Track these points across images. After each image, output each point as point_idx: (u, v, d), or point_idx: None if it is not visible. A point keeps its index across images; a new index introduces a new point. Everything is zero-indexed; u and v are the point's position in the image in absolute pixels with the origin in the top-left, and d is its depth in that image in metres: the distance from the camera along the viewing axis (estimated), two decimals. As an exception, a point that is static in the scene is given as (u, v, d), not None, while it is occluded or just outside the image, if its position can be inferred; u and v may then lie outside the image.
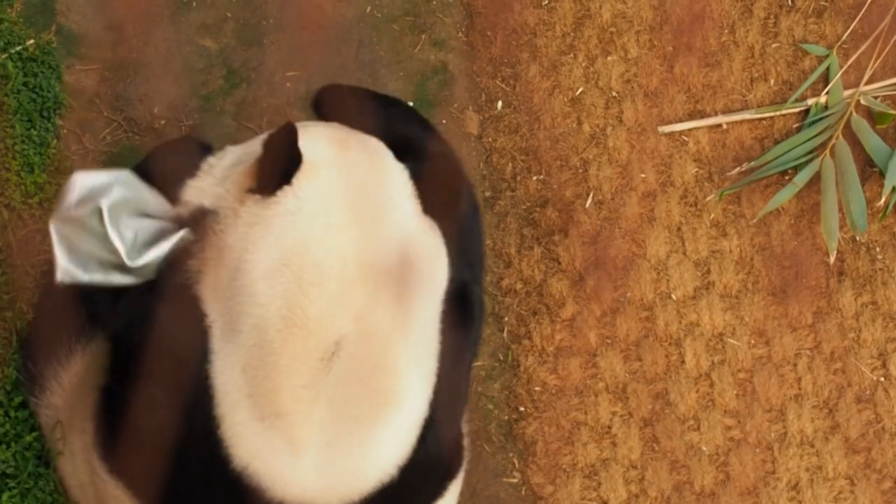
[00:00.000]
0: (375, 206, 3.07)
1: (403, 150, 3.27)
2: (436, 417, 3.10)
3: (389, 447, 3.05)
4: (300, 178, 3.03)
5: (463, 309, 3.22)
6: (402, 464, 3.07)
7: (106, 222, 3.09)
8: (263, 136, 3.18)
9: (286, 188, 3.03)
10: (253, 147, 3.20)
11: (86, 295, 3.34)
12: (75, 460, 3.53)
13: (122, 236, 3.11)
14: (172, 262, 3.09)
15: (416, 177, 3.19)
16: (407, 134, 3.46)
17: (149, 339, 3.05)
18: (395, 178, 3.16)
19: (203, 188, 3.17)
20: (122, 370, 3.15)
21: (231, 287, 3.00)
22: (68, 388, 3.57)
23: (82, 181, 3.15)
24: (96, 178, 3.16)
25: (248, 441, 2.98)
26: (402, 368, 3.03)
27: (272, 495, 3.00)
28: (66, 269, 3.14)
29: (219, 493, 3.04)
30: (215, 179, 3.17)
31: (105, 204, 3.10)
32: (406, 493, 3.11)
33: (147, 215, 3.18)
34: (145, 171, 3.24)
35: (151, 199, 3.20)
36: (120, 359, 3.19)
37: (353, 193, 3.04)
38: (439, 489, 3.31)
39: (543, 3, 4.44)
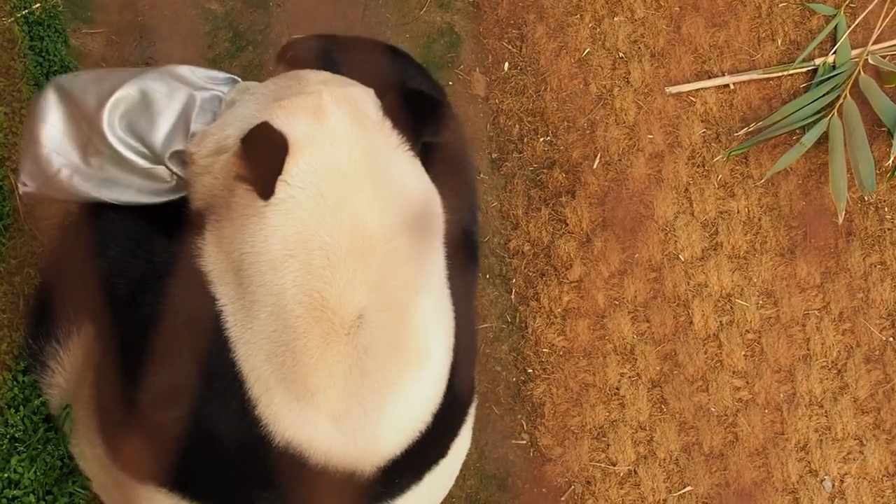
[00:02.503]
0: (367, 171, 3.02)
1: (389, 90, 3.25)
2: (458, 361, 3.13)
3: (424, 402, 3.08)
4: (287, 164, 2.97)
5: (468, 252, 3.22)
6: (435, 410, 3.10)
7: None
8: (238, 110, 3.11)
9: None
10: (228, 126, 3.13)
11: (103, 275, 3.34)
12: (90, 464, 3.53)
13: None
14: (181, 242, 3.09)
15: (395, 108, 3.13)
16: (390, 74, 3.43)
17: (162, 330, 3.05)
18: (380, 134, 3.11)
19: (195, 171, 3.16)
20: (136, 364, 3.15)
21: (238, 276, 2.99)
22: (70, 372, 3.57)
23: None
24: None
25: (287, 419, 2.99)
26: (424, 326, 3.04)
27: (315, 462, 3.02)
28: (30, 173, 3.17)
29: (261, 468, 3.05)
30: (201, 167, 3.12)
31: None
32: (439, 433, 3.15)
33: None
34: None
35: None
36: (133, 353, 3.18)
37: (343, 165, 2.99)
38: (463, 419, 3.36)
39: (550, -35, 4.44)
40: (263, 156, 2.94)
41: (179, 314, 3.04)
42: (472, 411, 3.45)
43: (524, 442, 4.11)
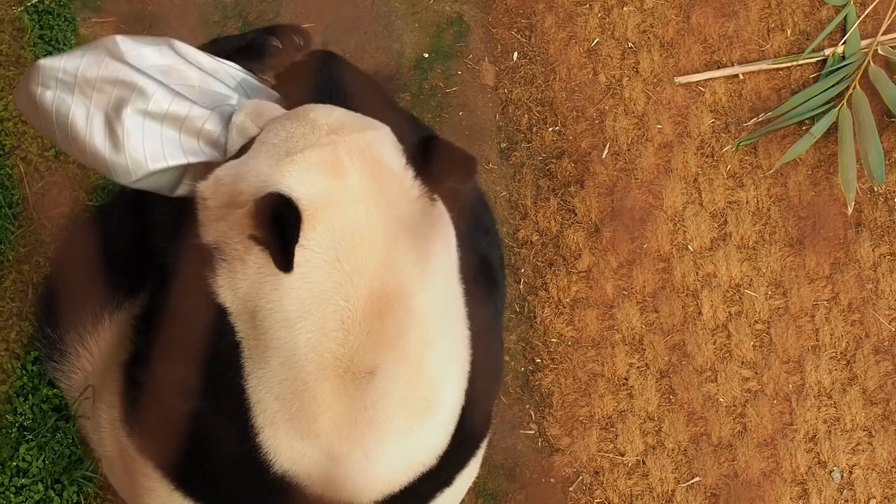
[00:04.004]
0: (385, 231, 2.94)
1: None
2: (474, 398, 3.11)
3: (428, 447, 3.06)
4: (304, 228, 2.88)
5: (488, 282, 3.20)
6: (441, 453, 3.09)
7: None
8: (256, 166, 3.01)
9: None
10: (241, 180, 3.01)
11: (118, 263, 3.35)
12: (102, 433, 3.53)
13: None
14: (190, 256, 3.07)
15: (420, 156, 3.03)
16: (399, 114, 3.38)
17: (181, 322, 3.05)
18: (399, 187, 3.01)
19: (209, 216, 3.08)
20: (153, 350, 3.14)
21: (252, 321, 2.95)
22: (97, 354, 3.57)
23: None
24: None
25: (288, 453, 2.99)
26: (436, 376, 3.01)
27: (311, 492, 3.02)
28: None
29: (257, 489, 3.05)
30: (215, 215, 3.04)
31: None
32: (443, 470, 3.13)
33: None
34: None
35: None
36: (152, 338, 3.18)
37: (360, 227, 2.92)
38: (472, 453, 3.35)
39: (559, -45, 4.44)
40: (278, 229, 2.85)
41: (202, 323, 3.01)
42: (484, 444, 3.42)
43: (532, 432, 4.12)
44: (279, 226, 2.84)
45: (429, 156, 3.00)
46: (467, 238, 3.17)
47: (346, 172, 2.94)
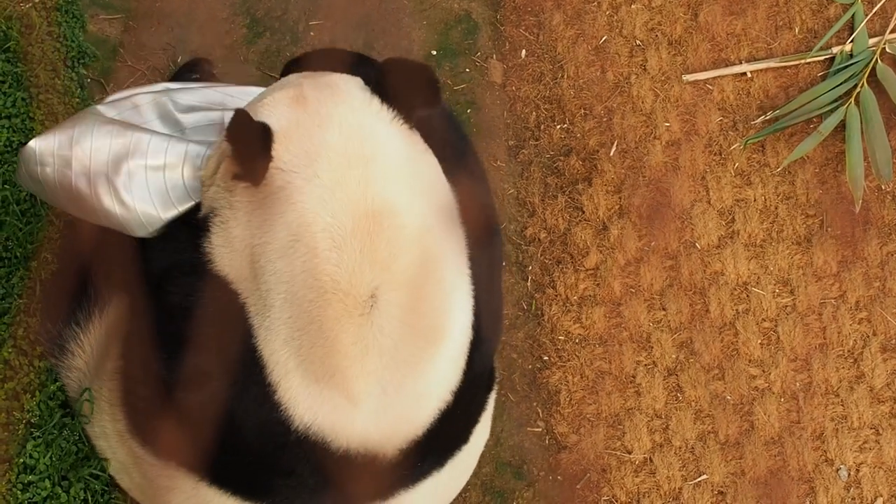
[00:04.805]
0: (361, 147, 2.99)
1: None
2: (479, 337, 3.13)
3: (442, 379, 3.08)
4: (277, 151, 2.96)
5: (487, 227, 3.21)
6: (455, 388, 3.10)
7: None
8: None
9: (269, 167, 2.98)
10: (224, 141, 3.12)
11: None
12: (110, 441, 3.54)
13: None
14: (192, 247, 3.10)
15: (383, 82, 3.08)
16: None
17: (190, 318, 3.06)
18: (369, 110, 3.06)
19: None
20: (151, 352, 3.15)
21: (251, 270, 2.99)
22: (90, 353, 3.58)
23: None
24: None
25: (307, 402, 3.00)
26: (440, 303, 3.03)
27: (337, 446, 3.03)
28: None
29: (282, 453, 3.06)
30: (206, 186, 3.13)
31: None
32: (460, 412, 3.16)
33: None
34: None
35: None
36: (149, 340, 3.19)
37: (334, 143, 2.97)
38: (484, 402, 3.38)
39: (567, -47, 4.44)
40: (247, 142, 2.93)
41: (206, 307, 3.05)
42: (491, 399, 3.46)
43: (540, 429, 4.12)
44: (247, 137, 2.92)
45: (391, 80, 3.06)
46: (460, 180, 3.19)
47: (310, 102, 3.02)
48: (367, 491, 3.11)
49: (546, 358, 4.15)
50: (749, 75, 4.40)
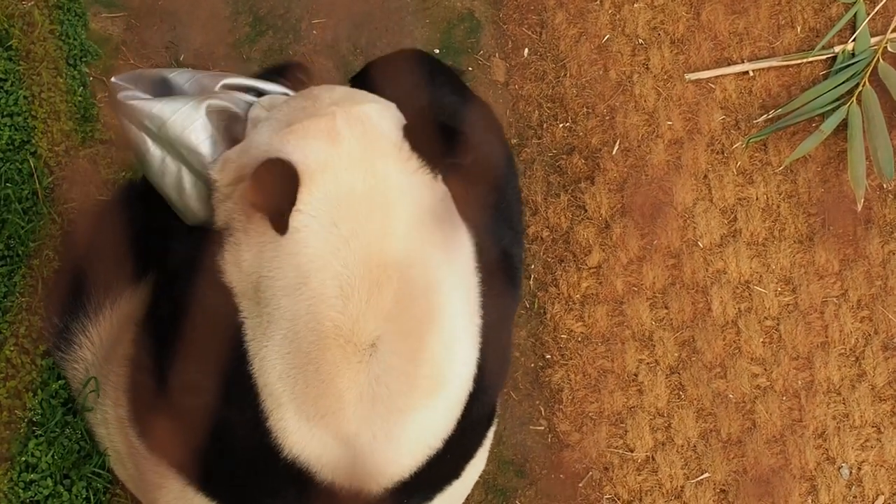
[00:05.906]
0: (383, 198, 2.97)
1: (440, 115, 3.20)
2: (481, 387, 3.12)
3: (435, 429, 3.07)
4: (301, 192, 2.93)
5: (506, 275, 3.20)
6: (447, 436, 3.09)
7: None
8: (258, 145, 3.07)
9: None
10: (245, 154, 3.08)
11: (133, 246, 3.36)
12: (110, 428, 3.53)
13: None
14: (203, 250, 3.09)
15: (415, 130, 3.06)
16: (442, 99, 3.38)
17: (186, 318, 3.06)
18: (397, 156, 3.03)
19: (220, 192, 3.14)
20: (159, 346, 3.15)
21: (255, 296, 2.98)
22: (99, 344, 3.57)
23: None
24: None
25: (296, 436, 3.00)
26: (442, 355, 3.02)
27: (322, 478, 3.03)
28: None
29: (270, 475, 3.06)
30: (224, 194, 3.10)
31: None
32: (451, 456, 3.14)
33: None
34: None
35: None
36: (157, 333, 3.19)
37: (357, 192, 2.95)
38: (479, 443, 3.36)
39: (569, -48, 4.44)
40: (275, 192, 2.89)
41: (208, 316, 3.04)
42: (490, 434, 3.44)
43: (542, 428, 4.12)
44: (276, 188, 2.88)
45: (422, 130, 3.03)
46: (490, 228, 3.18)
47: (343, 140, 2.98)
48: None
49: (548, 356, 4.16)
50: (751, 74, 4.40)
